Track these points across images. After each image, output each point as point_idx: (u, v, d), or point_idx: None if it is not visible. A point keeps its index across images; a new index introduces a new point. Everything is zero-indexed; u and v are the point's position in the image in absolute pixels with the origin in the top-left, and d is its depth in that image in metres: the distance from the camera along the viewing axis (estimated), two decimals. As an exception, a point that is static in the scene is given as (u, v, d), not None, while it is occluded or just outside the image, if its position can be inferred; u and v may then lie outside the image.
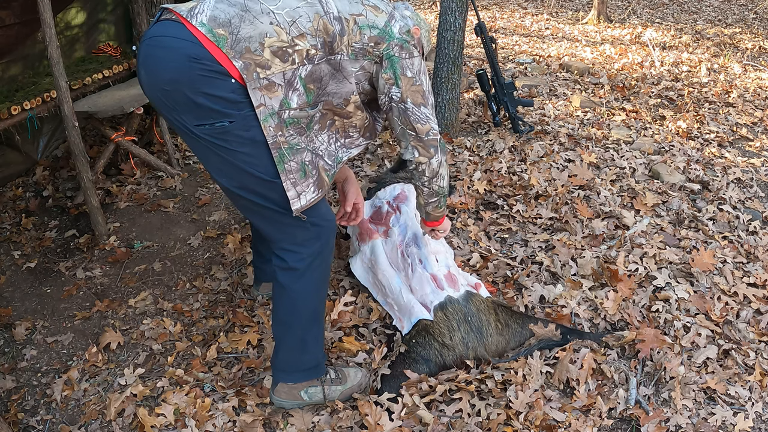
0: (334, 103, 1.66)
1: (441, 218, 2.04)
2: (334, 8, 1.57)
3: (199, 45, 1.44)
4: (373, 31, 1.63)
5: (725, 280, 2.33)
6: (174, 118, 1.53)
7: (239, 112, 1.49)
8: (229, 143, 1.52)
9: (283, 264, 1.71)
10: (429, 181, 1.86)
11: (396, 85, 1.68)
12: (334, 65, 1.60)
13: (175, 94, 1.47)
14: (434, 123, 1.76)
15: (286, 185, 1.56)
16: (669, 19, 8.03)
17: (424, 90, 1.71)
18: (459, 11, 3.32)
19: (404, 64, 1.67)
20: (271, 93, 1.50)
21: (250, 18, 1.48)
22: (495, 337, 1.98)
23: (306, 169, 1.60)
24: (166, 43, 1.47)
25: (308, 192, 1.61)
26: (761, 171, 3.32)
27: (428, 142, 1.76)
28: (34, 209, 3.14)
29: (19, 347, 2.25)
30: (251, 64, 1.46)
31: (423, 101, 1.72)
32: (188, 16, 1.47)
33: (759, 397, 1.88)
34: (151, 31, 1.51)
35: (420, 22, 1.81)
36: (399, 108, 1.71)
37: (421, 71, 1.71)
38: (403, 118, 1.72)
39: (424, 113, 1.72)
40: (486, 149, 3.44)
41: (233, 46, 1.45)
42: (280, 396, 1.83)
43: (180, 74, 1.45)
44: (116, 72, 3.37)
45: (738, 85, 4.88)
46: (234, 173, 1.58)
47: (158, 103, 1.53)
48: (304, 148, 1.60)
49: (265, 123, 1.50)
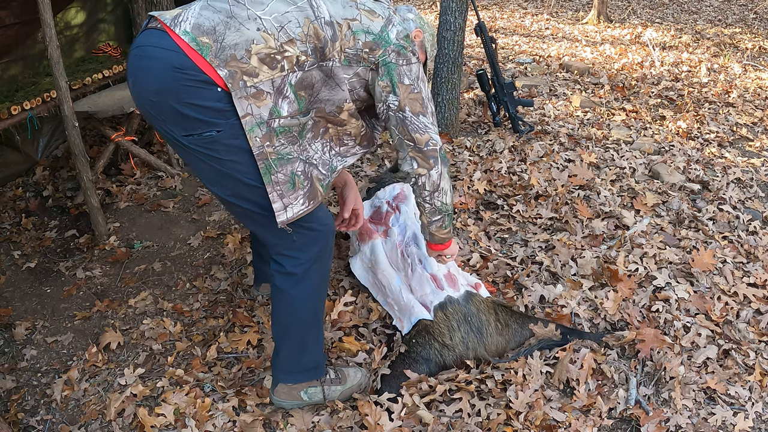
0: (327, 110, 1.61)
1: (448, 241, 1.91)
2: (326, 12, 1.53)
3: (183, 54, 1.40)
4: (368, 36, 1.58)
5: (725, 280, 2.33)
6: (163, 129, 1.51)
7: (226, 120, 1.45)
8: (219, 152, 1.49)
9: (281, 269, 1.69)
10: (430, 196, 1.77)
11: (393, 93, 1.63)
12: (326, 72, 1.55)
13: (162, 105, 1.45)
14: (434, 133, 1.70)
15: (272, 197, 1.52)
16: (669, 19, 8.03)
17: (422, 98, 1.66)
18: (459, 11, 3.32)
19: (401, 71, 1.62)
20: (259, 101, 1.46)
21: (235, 25, 1.44)
22: (495, 337, 1.98)
23: (295, 181, 1.55)
24: (150, 53, 1.43)
25: (296, 204, 1.56)
26: (761, 171, 3.32)
27: (427, 153, 1.70)
28: (34, 209, 3.14)
29: (19, 347, 2.25)
30: (237, 72, 1.42)
31: (422, 110, 1.66)
32: (172, 25, 1.43)
33: (759, 397, 1.88)
34: (138, 40, 1.48)
35: (423, 25, 1.77)
36: (397, 117, 1.66)
37: (420, 78, 1.66)
38: (400, 128, 1.67)
39: (422, 122, 1.66)
40: (486, 149, 3.44)
41: (218, 55, 1.41)
42: (279, 396, 1.83)
43: (165, 85, 1.42)
44: (116, 72, 3.37)
45: (738, 85, 4.88)
46: (225, 182, 1.55)
47: (147, 114, 1.51)
48: (296, 158, 1.55)
49: (250, 133, 1.46)
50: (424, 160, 1.71)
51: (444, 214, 1.83)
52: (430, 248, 1.97)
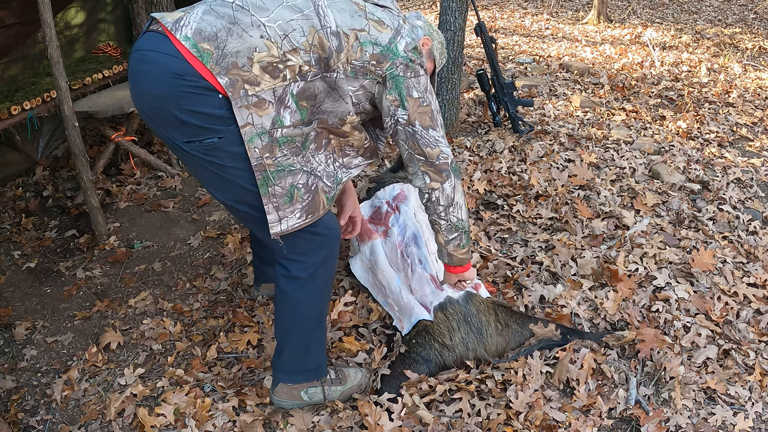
0: (330, 122, 1.58)
1: (467, 263, 1.86)
2: (333, 22, 1.49)
3: (183, 60, 1.37)
4: (376, 48, 1.54)
5: (725, 280, 2.33)
6: (164, 135, 1.49)
7: (227, 127, 1.43)
8: (220, 159, 1.48)
9: (287, 272, 1.67)
10: (445, 212, 1.73)
11: (402, 107, 1.59)
12: (329, 83, 1.52)
13: (162, 111, 1.43)
14: (444, 146, 1.67)
15: (268, 208, 1.51)
16: (669, 19, 8.03)
17: (432, 110, 1.63)
18: (459, 11, 3.32)
19: (409, 84, 1.58)
20: (261, 111, 1.43)
21: (238, 31, 1.41)
22: (495, 338, 1.98)
23: (294, 194, 1.52)
24: (150, 58, 1.41)
25: (292, 218, 1.54)
26: (761, 171, 3.32)
27: (440, 166, 1.67)
28: (34, 209, 3.14)
29: (19, 347, 2.25)
30: (238, 81, 1.39)
31: (431, 123, 1.63)
32: (173, 29, 1.40)
33: (759, 397, 1.88)
34: (139, 44, 1.46)
35: (432, 33, 1.74)
36: (406, 131, 1.63)
37: (428, 90, 1.62)
38: (410, 142, 1.64)
39: (432, 136, 1.64)
40: (486, 149, 3.44)
41: (218, 62, 1.38)
42: (280, 396, 1.83)
43: (164, 91, 1.40)
44: (116, 72, 3.37)
45: (738, 85, 4.88)
46: (228, 188, 1.54)
47: (148, 120, 1.50)
48: (299, 170, 1.53)
49: (249, 144, 1.43)
50: (436, 174, 1.69)
51: (461, 231, 1.78)
52: (448, 272, 1.92)
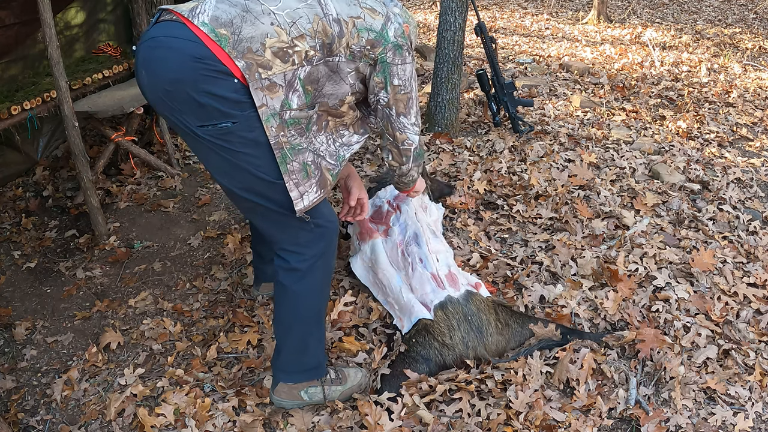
0: (330, 104, 1.67)
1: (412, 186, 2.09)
2: (333, 10, 1.57)
3: (202, 44, 1.44)
4: (371, 34, 1.63)
5: (725, 280, 2.33)
6: (176, 119, 1.53)
7: (242, 112, 1.49)
8: (232, 144, 1.52)
9: (286, 264, 1.71)
10: (398, 178, 1.99)
11: (384, 90, 1.70)
12: (331, 67, 1.60)
13: (178, 94, 1.47)
14: (412, 134, 1.80)
15: (289, 186, 1.57)
16: (669, 19, 8.03)
17: (409, 98, 1.74)
18: (459, 11, 3.32)
19: (394, 71, 1.68)
20: (272, 93, 1.50)
21: (251, 18, 1.48)
22: (495, 337, 1.98)
23: (308, 170, 1.61)
24: (168, 44, 1.46)
25: (311, 192, 1.62)
26: (761, 171, 3.32)
27: (403, 151, 1.84)
28: (34, 209, 3.14)
29: (19, 347, 2.25)
30: (253, 65, 1.47)
31: (404, 110, 1.75)
32: (190, 16, 1.47)
33: (759, 397, 1.88)
34: (151, 32, 1.50)
35: (408, 19, 1.82)
36: (384, 112, 1.75)
37: (412, 77, 1.73)
38: (385, 122, 1.78)
39: (402, 123, 1.76)
40: (486, 149, 3.44)
41: (235, 46, 1.45)
42: (280, 396, 1.83)
43: (183, 74, 1.45)
44: (116, 72, 3.37)
45: (738, 85, 4.88)
46: (236, 174, 1.58)
47: (160, 104, 1.53)
48: (305, 149, 1.61)
49: (267, 123, 1.51)
50: (399, 156, 1.86)
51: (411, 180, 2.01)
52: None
